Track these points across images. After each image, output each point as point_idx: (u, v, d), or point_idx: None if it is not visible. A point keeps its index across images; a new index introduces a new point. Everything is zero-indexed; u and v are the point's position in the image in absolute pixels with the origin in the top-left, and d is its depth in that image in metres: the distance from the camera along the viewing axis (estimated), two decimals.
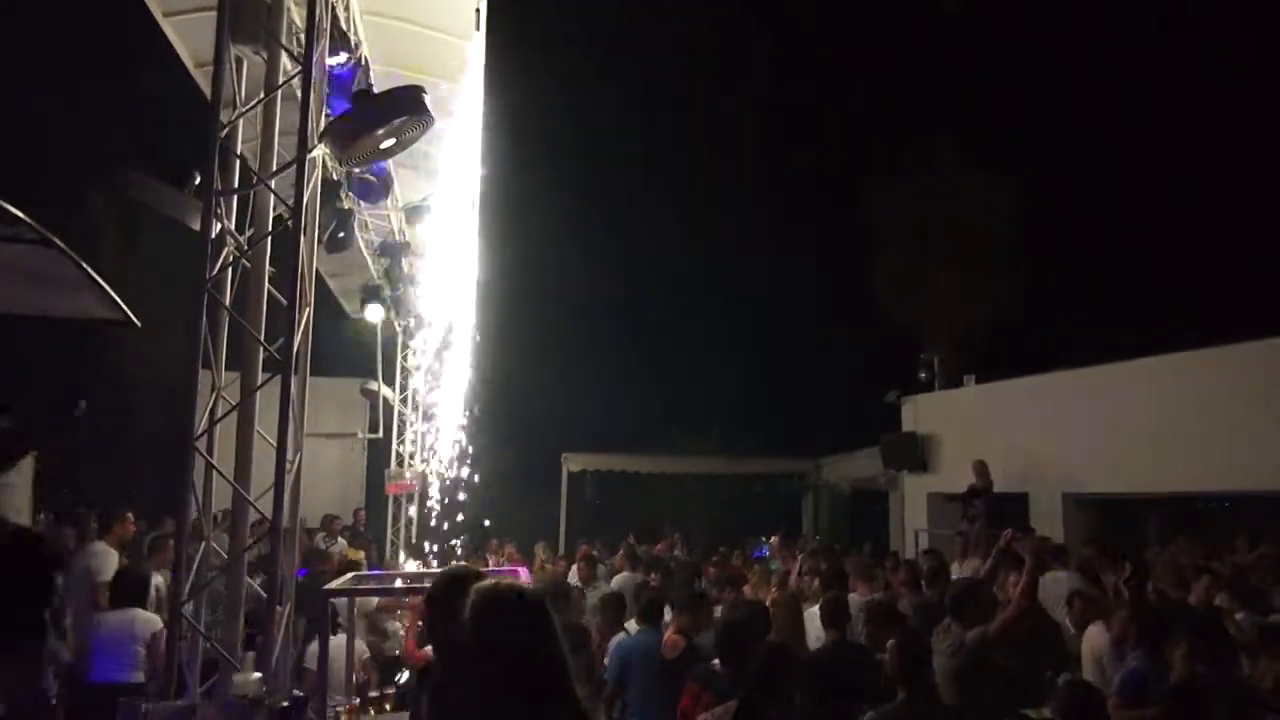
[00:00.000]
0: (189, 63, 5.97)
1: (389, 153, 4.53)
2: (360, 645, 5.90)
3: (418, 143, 5.39)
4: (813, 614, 6.33)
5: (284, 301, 4.22)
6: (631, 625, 6.35)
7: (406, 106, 4.33)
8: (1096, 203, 17.46)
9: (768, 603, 6.72)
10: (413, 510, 13.87)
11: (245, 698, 3.32)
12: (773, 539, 15.00)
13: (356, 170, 6.82)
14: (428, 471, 13.61)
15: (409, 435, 14.35)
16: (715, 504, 21.25)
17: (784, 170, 23.35)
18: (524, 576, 7.83)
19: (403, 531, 13.94)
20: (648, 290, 22.53)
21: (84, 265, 3.75)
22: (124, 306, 4.35)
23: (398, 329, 13.63)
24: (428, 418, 13.83)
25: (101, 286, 4.02)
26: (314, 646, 5.36)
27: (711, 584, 9.10)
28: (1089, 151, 17.71)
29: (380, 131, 4.36)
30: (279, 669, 3.91)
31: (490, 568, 10.31)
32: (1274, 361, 9.88)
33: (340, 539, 12.85)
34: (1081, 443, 11.74)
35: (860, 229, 19.18)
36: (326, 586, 4.43)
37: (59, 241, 3.52)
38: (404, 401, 14.51)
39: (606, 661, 5.81)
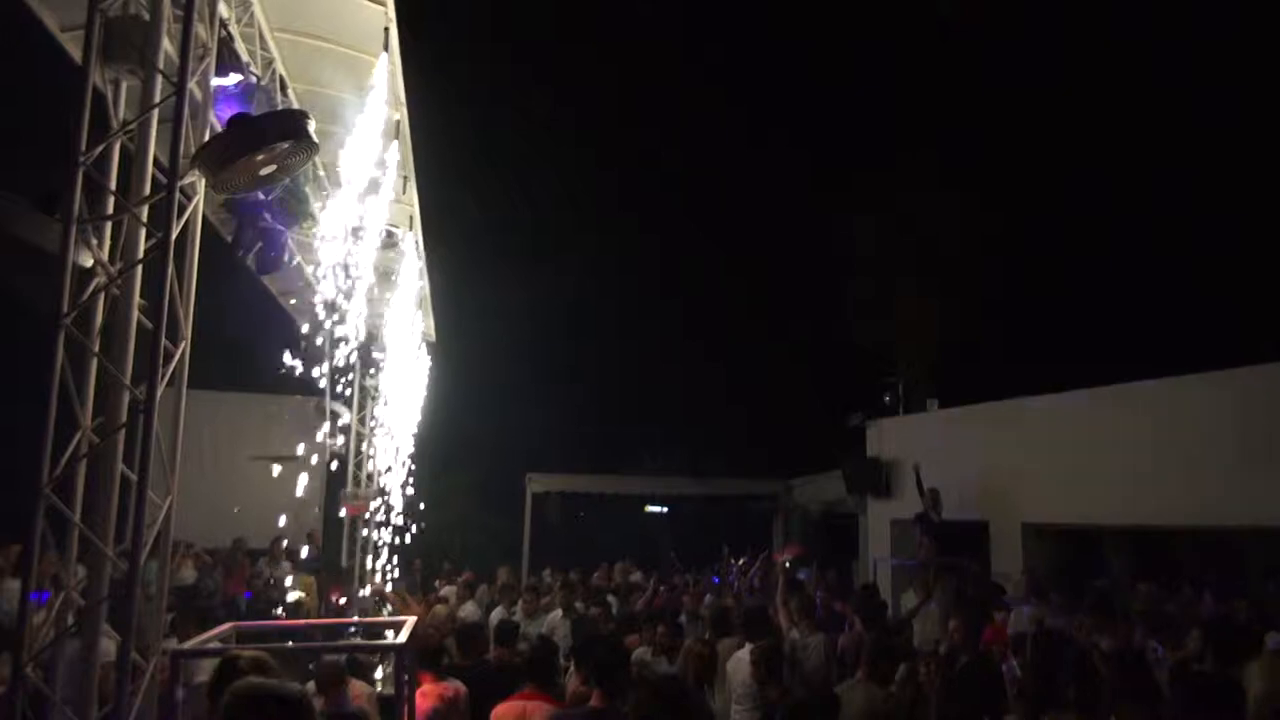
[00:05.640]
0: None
1: (271, 179, 4.27)
2: None
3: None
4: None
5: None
6: None
7: (285, 131, 4.06)
8: (1065, 230, 17.34)
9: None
10: (369, 533, 13.56)
11: None
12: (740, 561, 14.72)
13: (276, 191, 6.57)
14: (383, 494, 13.25)
15: (365, 456, 14.06)
16: (685, 526, 20.97)
17: (751, 191, 23.21)
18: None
19: (358, 555, 13.63)
20: (613, 308, 22.26)
21: None
22: None
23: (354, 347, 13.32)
24: (384, 437, 13.53)
25: None
26: None
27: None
28: (1059, 179, 17.57)
29: (260, 157, 4.10)
30: None
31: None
32: (1240, 393, 9.69)
33: (286, 562, 12.50)
34: (1042, 471, 11.54)
35: (828, 250, 19.02)
36: (178, 646, 4.12)
37: None
38: (362, 421, 14.24)
39: None
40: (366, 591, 12.45)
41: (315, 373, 8.27)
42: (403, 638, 3.86)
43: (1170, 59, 15.93)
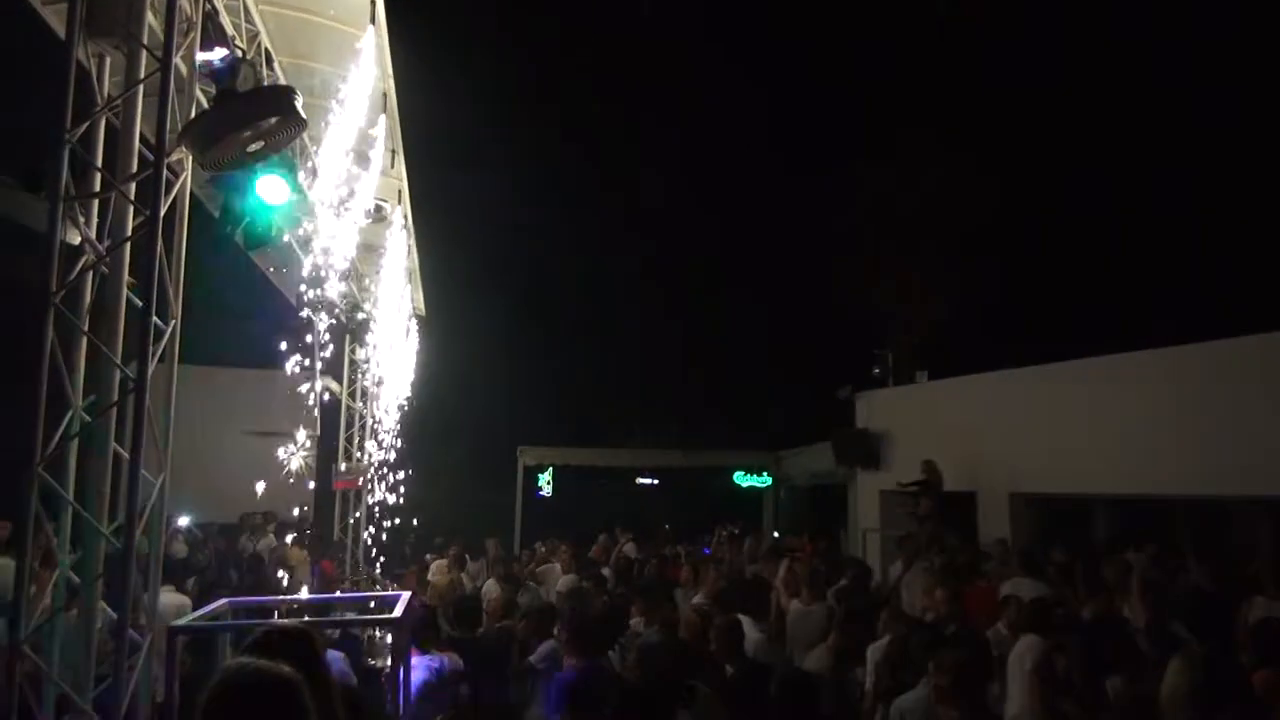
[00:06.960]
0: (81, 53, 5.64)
1: (257, 156, 4.24)
2: None
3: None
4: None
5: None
6: None
7: (273, 107, 4.05)
8: (1058, 206, 17.34)
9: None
10: (361, 509, 13.61)
11: None
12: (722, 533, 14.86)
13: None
14: (371, 467, 13.29)
15: (356, 431, 14.09)
16: (676, 498, 21.12)
17: (743, 161, 23.09)
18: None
19: (350, 530, 13.69)
20: (604, 283, 22.22)
21: None
22: None
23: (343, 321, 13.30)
24: (374, 413, 13.56)
25: None
26: None
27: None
28: (1054, 160, 17.52)
29: (246, 133, 4.09)
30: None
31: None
32: (1223, 364, 9.75)
33: (270, 533, 12.50)
34: (1030, 441, 11.61)
35: (820, 219, 18.95)
36: (174, 623, 4.15)
37: None
38: (351, 396, 14.25)
39: None
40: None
41: (305, 346, 8.27)
42: (398, 612, 3.89)
43: (1170, 59, 15.92)
